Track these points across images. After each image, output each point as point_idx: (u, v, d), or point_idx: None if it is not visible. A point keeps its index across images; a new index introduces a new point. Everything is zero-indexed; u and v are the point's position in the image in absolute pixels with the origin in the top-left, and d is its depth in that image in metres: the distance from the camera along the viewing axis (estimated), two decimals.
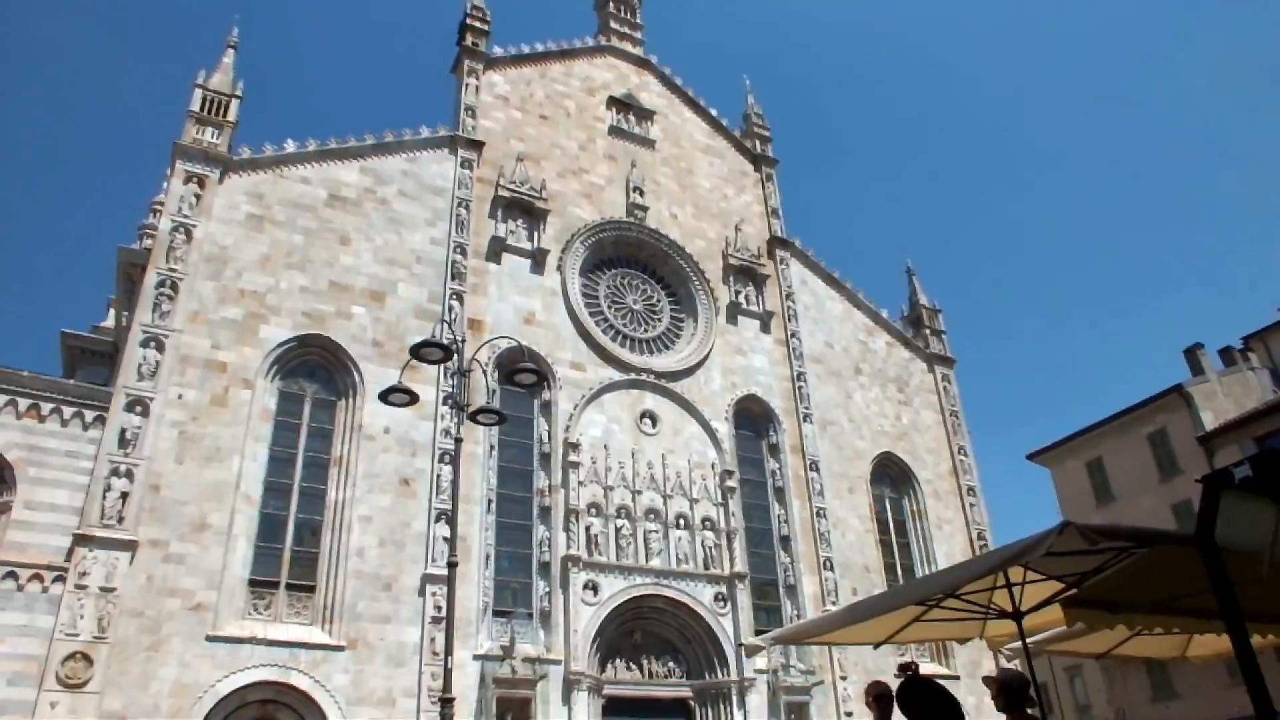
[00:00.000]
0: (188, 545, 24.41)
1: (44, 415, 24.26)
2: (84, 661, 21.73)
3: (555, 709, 26.95)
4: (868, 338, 42.72)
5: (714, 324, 37.60)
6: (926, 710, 5.24)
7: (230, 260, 28.62)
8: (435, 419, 29.01)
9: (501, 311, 32.61)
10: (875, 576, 35.84)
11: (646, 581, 30.37)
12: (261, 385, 27.53)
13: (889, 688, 7.03)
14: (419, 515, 27.74)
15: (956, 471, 41.02)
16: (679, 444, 33.79)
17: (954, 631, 9.68)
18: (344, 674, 24.78)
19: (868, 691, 7.32)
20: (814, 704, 31.24)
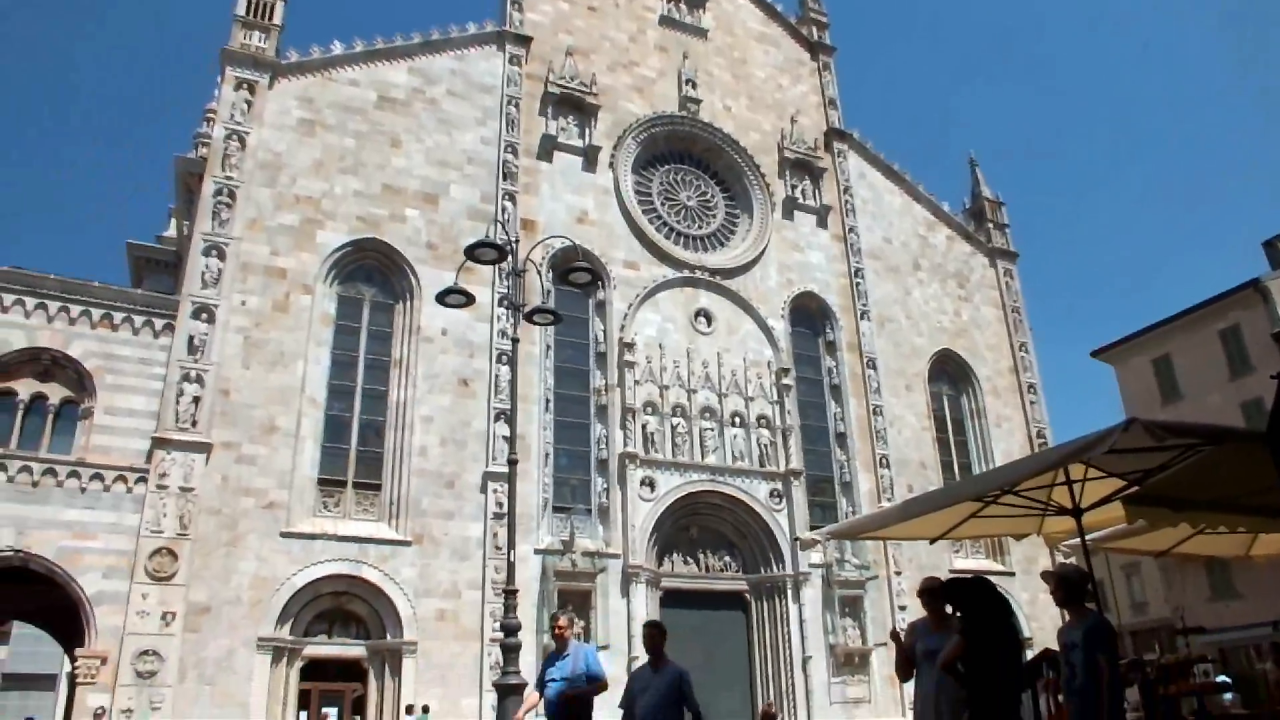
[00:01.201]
0: (258, 447, 25.32)
1: (116, 325, 25.03)
2: (169, 556, 22.96)
3: (614, 601, 27.84)
4: (927, 232, 41.71)
5: (769, 220, 36.99)
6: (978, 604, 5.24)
7: (284, 166, 28.75)
8: (491, 320, 29.28)
9: (554, 211, 32.43)
10: (931, 474, 35.87)
11: (702, 478, 30.81)
12: (321, 290, 27.97)
13: (939, 582, 7.05)
14: (478, 414, 28.30)
15: (1017, 369, 40.42)
16: (734, 342, 33.72)
17: (1011, 528, 9.67)
18: (411, 567, 25.81)
19: (920, 587, 7.35)
20: (868, 598, 31.80)
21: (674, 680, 7.39)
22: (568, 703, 7.75)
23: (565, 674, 7.97)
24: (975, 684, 5.03)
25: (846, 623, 31.23)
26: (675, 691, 7.32)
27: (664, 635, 8.06)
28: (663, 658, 7.77)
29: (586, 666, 8.06)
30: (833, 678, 30.37)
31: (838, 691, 30.22)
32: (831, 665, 30.51)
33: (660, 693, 7.33)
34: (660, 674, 7.53)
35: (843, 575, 31.56)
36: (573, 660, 8.09)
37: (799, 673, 29.77)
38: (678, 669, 7.56)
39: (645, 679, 7.67)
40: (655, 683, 7.47)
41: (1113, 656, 5.59)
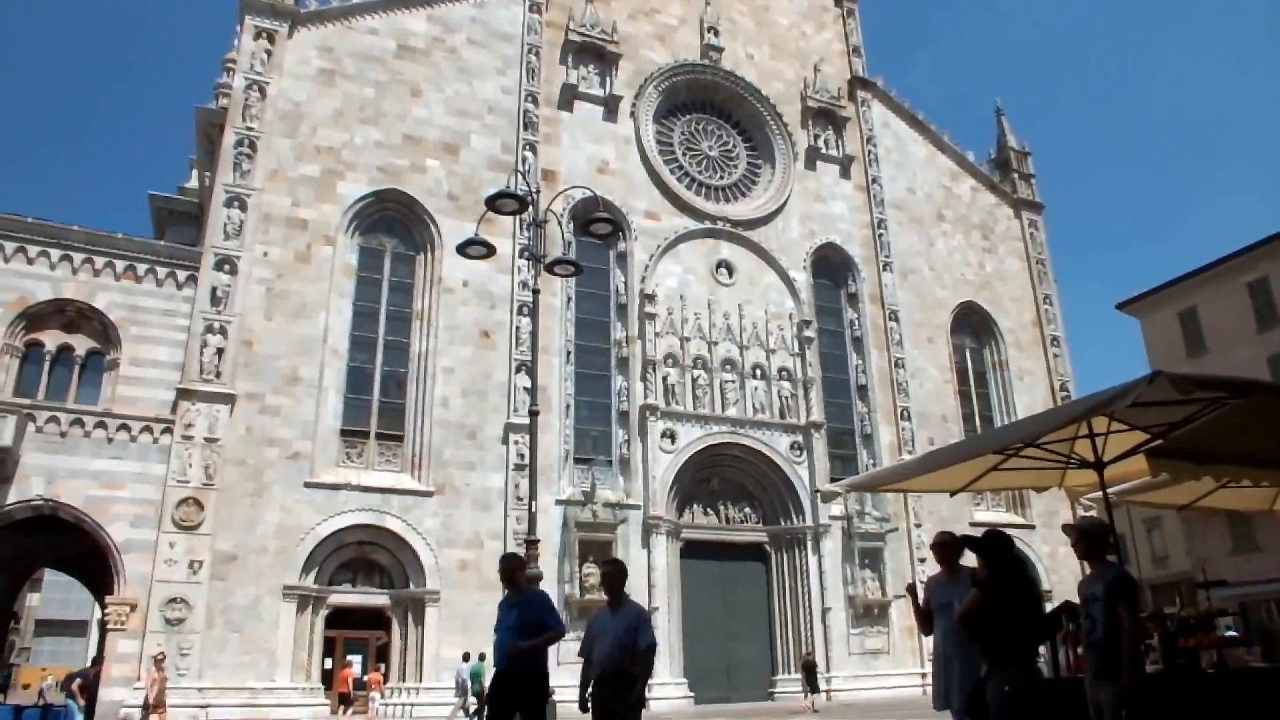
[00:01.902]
0: (281, 398, 25.55)
1: (140, 276, 25.19)
2: (195, 506, 23.33)
3: (635, 552, 28.08)
4: (952, 183, 41.10)
5: (792, 170, 36.54)
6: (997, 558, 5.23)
7: (305, 116, 28.62)
8: (512, 271, 29.24)
9: (575, 161, 32.17)
10: (953, 426, 35.75)
11: (723, 430, 30.86)
12: (342, 241, 27.99)
13: (953, 535, 7.05)
14: (500, 366, 28.40)
15: (1040, 321, 40.03)
16: (756, 294, 33.53)
17: (1032, 480, 9.61)
18: (433, 517, 26.11)
19: (934, 540, 7.35)
20: (888, 550, 31.93)
21: (631, 621, 6.86)
22: (517, 657, 7.11)
23: (515, 623, 7.29)
24: (990, 636, 5.02)
25: (866, 574, 31.41)
26: (632, 634, 6.78)
27: (623, 575, 7.48)
28: (622, 599, 7.21)
29: (539, 614, 7.39)
30: (852, 629, 30.64)
31: (856, 642, 30.50)
32: (850, 616, 30.76)
33: (617, 636, 6.80)
34: (618, 616, 6.98)
35: (863, 527, 31.68)
36: (524, 608, 7.41)
37: (818, 624, 30.04)
38: (636, 609, 7.08)
39: (603, 622, 7.08)
40: (613, 625, 6.92)
41: (1134, 609, 5.57)
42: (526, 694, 7.12)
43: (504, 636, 7.23)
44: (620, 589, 7.31)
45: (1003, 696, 4.79)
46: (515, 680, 7.12)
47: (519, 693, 7.11)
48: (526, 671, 7.14)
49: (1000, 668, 4.87)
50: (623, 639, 6.72)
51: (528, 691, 7.13)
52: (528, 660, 7.10)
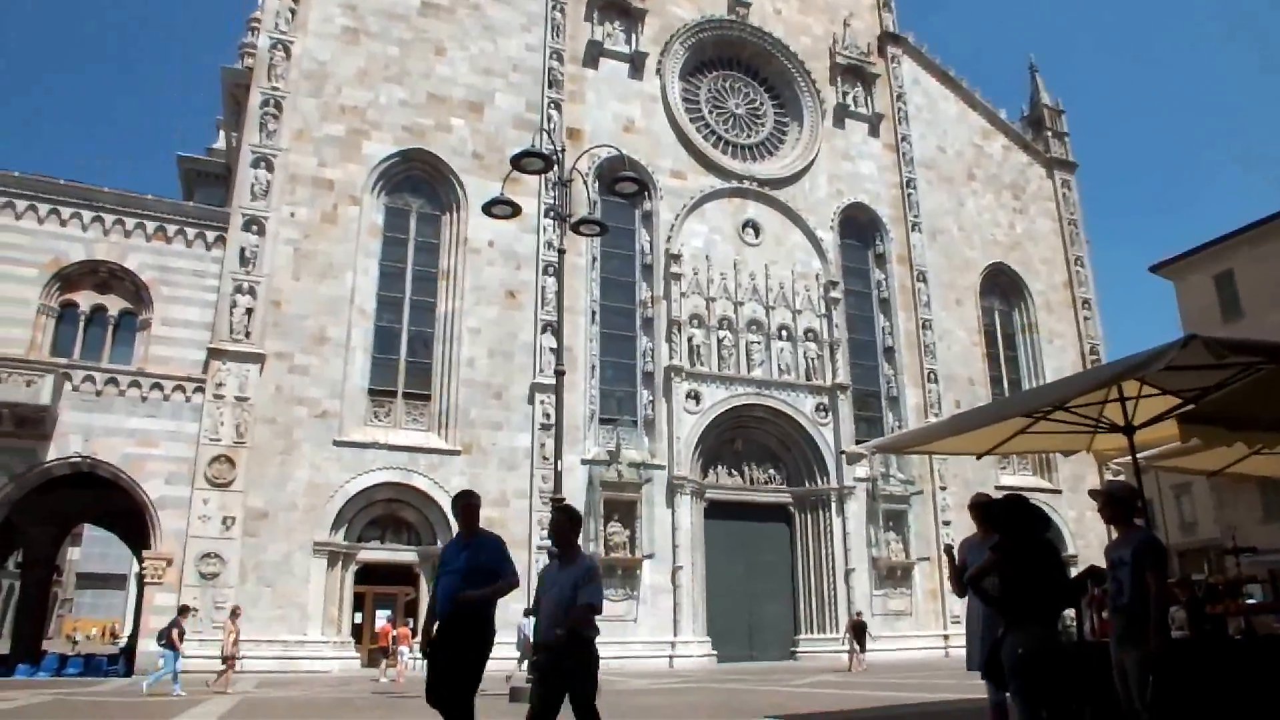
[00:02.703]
0: (310, 357, 25.80)
1: (170, 237, 25.43)
2: (227, 464, 23.73)
3: (659, 511, 28.27)
4: (983, 141, 40.41)
5: (819, 128, 36.05)
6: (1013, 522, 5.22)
7: (329, 76, 28.54)
8: (538, 231, 29.19)
9: (600, 119, 31.91)
10: (980, 389, 35.51)
11: (748, 391, 30.84)
12: (368, 201, 28.02)
13: (988, 497, 7.02)
14: (525, 326, 28.47)
15: (1071, 283, 39.50)
16: (782, 254, 33.30)
17: (1060, 444, 9.55)
18: (460, 476, 26.35)
19: (970, 501, 7.34)
20: (912, 513, 31.93)
21: (577, 577, 6.08)
22: (463, 605, 6.30)
23: (464, 566, 6.45)
24: (1006, 598, 5.04)
25: (890, 536, 31.46)
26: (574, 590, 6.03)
27: (575, 523, 6.55)
28: (573, 550, 6.36)
29: (492, 560, 6.55)
30: (875, 590, 30.76)
31: (880, 603, 30.64)
32: (874, 578, 30.87)
33: (564, 591, 6.05)
34: (567, 569, 6.20)
35: (887, 489, 31.67)
36: (476, 551, 6.58)
37: (841, 584, 30.18)
38: (587, 562, 6.25)
39: (552, 576, 6.33)
40: (561, 579, 6.15)
41: (1161, 574, 5.54)
42: (466, 646, 6.36)
43: (449, 581, 6.41)
44: (570, 538, 6.41)
45: (1016, 658, 4.81)
46: (456, 630, 6.32)
47: (458, 644, 6.32)
48: (470, 621, 6.33)
49: (1016, 629, 4.88)
50: (566, 599, 6.01)
51: (468, 643, 6.36)
52: (474, 610, 6.32)
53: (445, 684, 6.22)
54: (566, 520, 6.45)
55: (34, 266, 23.90)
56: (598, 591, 6.10)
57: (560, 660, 5.84)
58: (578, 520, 6.55)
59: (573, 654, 5.86)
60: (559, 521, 6.47)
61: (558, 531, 6.41)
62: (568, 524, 6.41)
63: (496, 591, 6.39)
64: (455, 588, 6.31)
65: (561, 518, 6.49)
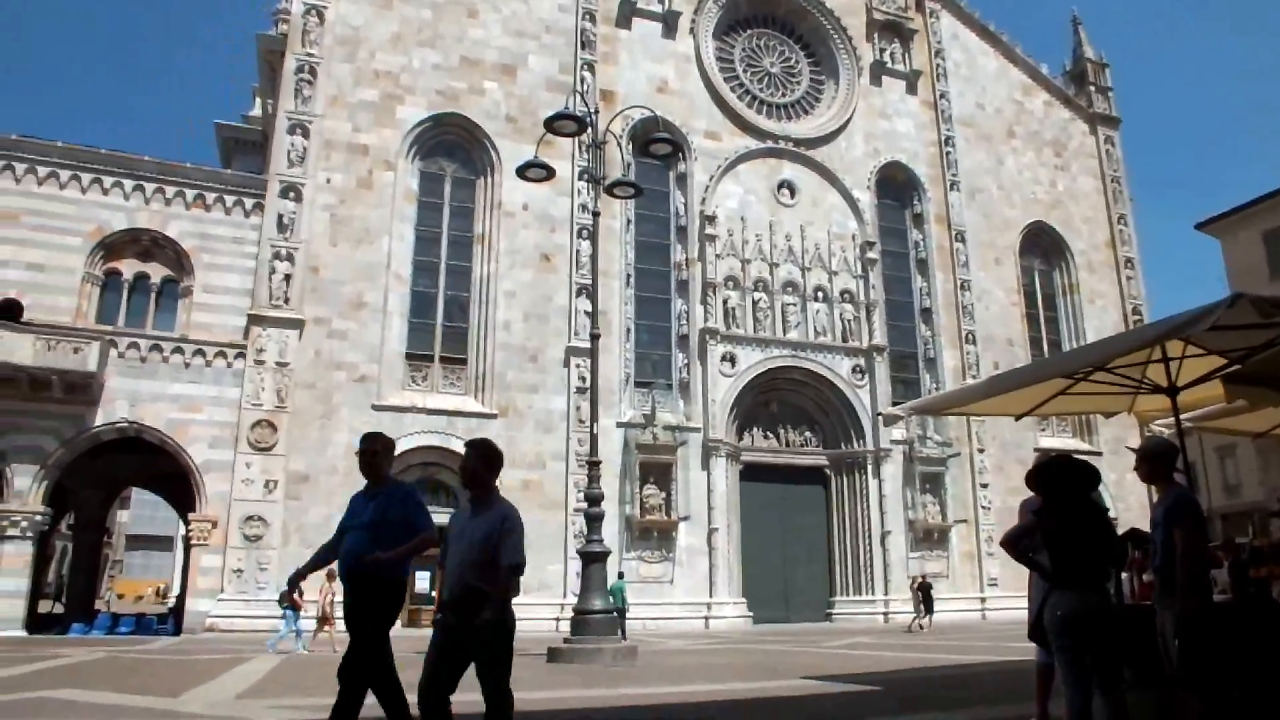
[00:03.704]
0: (348, 322, 26.07)
1: (209, 205, 25.75)
2: (269, 428, 24.16)
3: (695, 474, 28.37)
4: (1023, 97, 39.51)
5: (856, 86, 35.45)
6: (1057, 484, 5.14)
7: (363, 41, 28.52)
8: (572, 194, 29.12)
9: (633, 81, 31.62)
10: (1019, 351, 35.05)
11: (783, 353, 30.72)
12: (403, 166, 28.10)
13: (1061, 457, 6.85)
14: (560, 290, 28.52)
15: (1114, 242, 38.72)
16: (818, 215, 32.95)
17: (1101, 405, 9.39)
18: (497, 439, 26.38)
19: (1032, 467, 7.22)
20: (949, 475, 31.74)
21: (492, 528, 5.06)
22: (372, 566, 5.31)
23: (370, 520, 5.49)
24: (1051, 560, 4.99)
25: (926, 499, 31.36)
26: (489, 546, 5.02)
27: (491, 461, 5.41)
28: (488, 493, 5.30)
29: (403, 512, 5.54)
30: (911, 553, 30.73)
31: (915, 566, 30.58)
32: (910, 540, 30.83)
33: (475, 543, 5.05)
34: (479, 517, 5.17)
35: (924, 452, 31.50)
36: (384, 502, 5.56)
37: (877, 547, 30.18)
38: (503, 509, 5.17)
39: (461, 524, 5.27)
40: (470, 529, 5.13)
41: (1191, 531, 5.36)
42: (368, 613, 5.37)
43: (356, 538, 5.47)
44: (484, 480, 5.33)
45: (1059, 620, 4.77)
46: (360, 594, 5.39)
47: (361, 610, 5.38)
48: (377, 585, 5.38)
49: (1059, 592, 4.84)
50: (476, 551, 5.01)
51: (371, 610, 5.38)
52: (383, 571, 5.37)
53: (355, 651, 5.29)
54: (479, 457, 5.36)
55: (78, 235, 24.33)
56: (518, 547, 5.06)
57: (472, 631, 4.85)
58: (494, 458, 5.43)
59: (489, 625, 4.84)
60: (470, 458, 5.36)
61: (469, 470, 5.33)
62: (481, 462, 5.34)
63: (410, 550, 5.43)
64: (362, 545, 5.39)
65: (473, 454, 5.38)
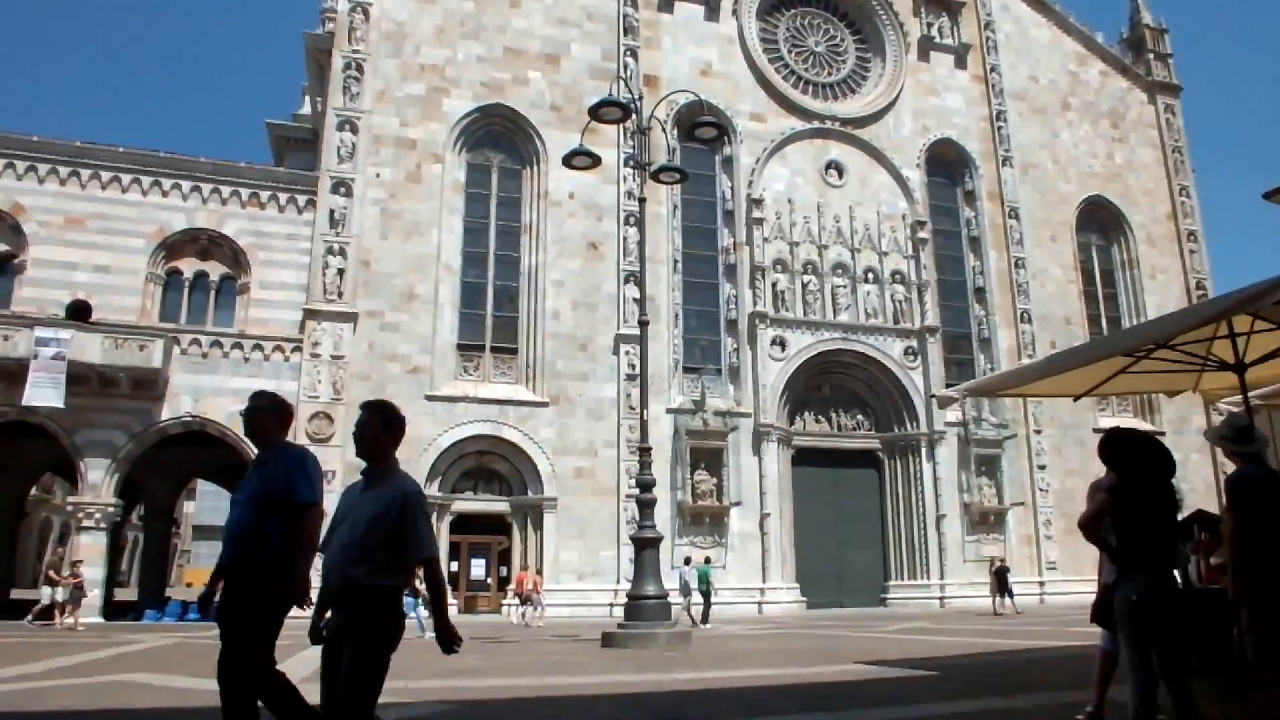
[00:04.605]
0: (400, 314, 26.43)
1: (264, 203, 26.32)
2: (326, 420, 24.64)
3: (746, 459, 28.30)
4: (1078, 68, 38.50)
5: (903, 62, 34.86)
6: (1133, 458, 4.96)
7: (408, 36, 28.77)
8: (618, 181, 29.13)
9: (677, 65, 31.46)
10: (1077, 329, 34.30)
11: (834, 336, 30.45)
12: (450, 158, 28.34)
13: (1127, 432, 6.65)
14: (608, 277, 28.59)
15: (1175, 215, 37.64)
16: (867, 195, 32.54)
17: (1164, 384, 9.20)
18: (549, 427, 26.83)
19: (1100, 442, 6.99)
20: (1005, 457, 31.22)
21: (389, 503, 4.19)
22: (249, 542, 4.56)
23: (251, 493, 4.70)
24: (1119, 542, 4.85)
25: (982, 481, 30.90)
26: (390, 522, 4.14)
27: (391, 425, 4.49)
28: (386, 464, 4.43)
29: (288, 481, 4.65)
30: (967, 536, 30.34)
31: (972, 550, 30.23)
32: (966, 524, 30.43)
33: (361, 521, 4.17)
34: (373, 492, 4.30)
35: (979, 434, 31.03)
36: (268, 471, 4.75)
37: (932, 531, 29.85)
38: (401, 487, 4.28)
39: (352, 499, 4.39)
40: (361, 505, 4.27)
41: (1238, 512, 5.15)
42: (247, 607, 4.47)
43: (237, 514, 4.69)
44: (383, 448, 4.45)
45: (1127, 604, 4.62)
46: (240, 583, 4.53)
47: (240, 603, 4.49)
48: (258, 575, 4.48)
49: (1129, 575, 4.69)
50: (363, 531, 4.12)
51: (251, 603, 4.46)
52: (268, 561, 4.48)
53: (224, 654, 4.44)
54: (378, 420, 4.45)
55: (141, 237, 25.07)
56: (426, 529, 4.18)
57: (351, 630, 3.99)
58: (395, 422, 4.51)
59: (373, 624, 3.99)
60: (368, 422, 4.44)
61: (366, 437, 4.43)
62: (379, 425, 4.43)
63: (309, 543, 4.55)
64: (244, 522, 4.61)
65: (372, 416, 4.46)
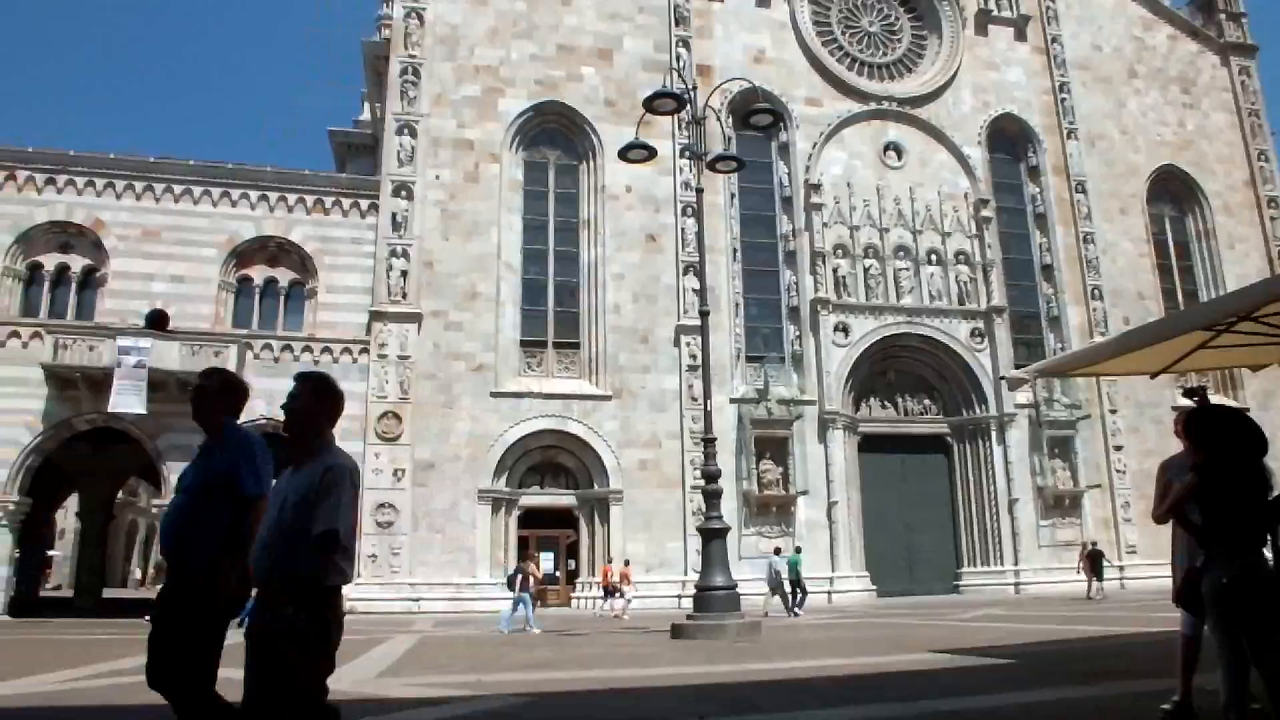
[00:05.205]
0: (463, 313, 26.80)
1: (328, 209, 26.93)
2: (394, 419, 25.15)
3: (811, 447, 28.09)
4: (1144, 33, 37.22)
5: (960, 37, 34.12)
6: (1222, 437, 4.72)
7: (462, 38, 29.09)
8: (674, 172, 29.08)
9: (729, 53, 31.26)
10: (1151, 304, 33.26)
11: (898, 320, 30.02)
12: (507, 157, 28.60)
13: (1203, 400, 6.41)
14: (667, 269, 28.59)
15: (1254, 181, 36.24)
16: (927, 175, 31.97)
17: (1248, 358, 8.85)
18: (612, 420, 26.96)
19: (1177, 417, 6.73)
20: (1079, 438, 30.46)
21: (311, 481, 3.69)
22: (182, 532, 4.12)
23: (192, 483, 4.23)
24: (1207, 524, 4.66)
25: (1056, 464, 30.19)
26: (302, 508, 3.63)
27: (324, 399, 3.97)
28: (318, 441, 3.90)
29: (232, 471, 4.17)
30: (1041, 521, 29.69)
31: (1046, 534, 29.59)
32: (1040, 508, 29.78)
33: (287, 506, 3.72)
34: (300, 474, 3.80)
35: (1051, 415, 30.31)
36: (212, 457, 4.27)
37: (1005, 515, 29.28)
38: (326, 460, 3.76)
39: (280, 485, 3.93)
40: (287, 493, 3.79)
41: None
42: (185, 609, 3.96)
43: (175, 504, 4.25)
44: (315, 424, 3.93)
45: (1219, 587, 4.42)
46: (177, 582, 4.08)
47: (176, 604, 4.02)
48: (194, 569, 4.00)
49: (1219, 558, 4.50)
50: (287, 516, 3.67)
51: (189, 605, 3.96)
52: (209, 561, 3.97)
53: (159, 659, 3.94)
54: (310, 391, 3.94)
55: (213, 246, 25.84)
56: (337, 509, 3.61)
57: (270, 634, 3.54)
58: (329, 394, 4.00)
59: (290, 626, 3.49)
60: (297, 394, 3.94)
61: (296, 410, 3.93)
62: (310, 398, 3.93)
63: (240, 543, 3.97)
64: (181, 516, 4.16)
65: (303, 388, 3.95)
